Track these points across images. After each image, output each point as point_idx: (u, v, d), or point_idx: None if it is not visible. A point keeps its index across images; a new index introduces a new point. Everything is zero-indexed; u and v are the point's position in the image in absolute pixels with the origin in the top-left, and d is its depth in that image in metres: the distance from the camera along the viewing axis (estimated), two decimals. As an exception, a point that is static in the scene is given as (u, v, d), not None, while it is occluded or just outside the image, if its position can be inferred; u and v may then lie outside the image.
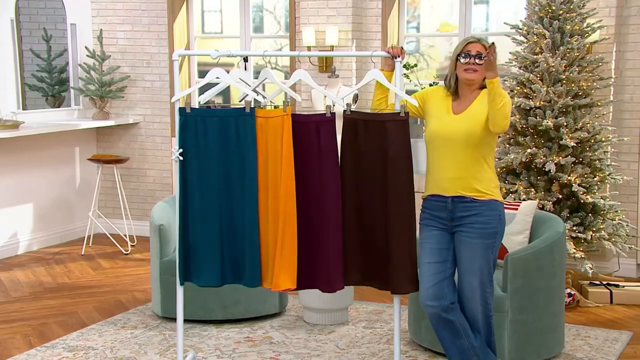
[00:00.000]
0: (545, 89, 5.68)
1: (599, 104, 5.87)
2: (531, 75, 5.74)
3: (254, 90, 4.17)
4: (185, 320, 4.67)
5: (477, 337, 3.89)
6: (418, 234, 3.97)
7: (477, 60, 3.76)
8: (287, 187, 3.91)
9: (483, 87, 3.81)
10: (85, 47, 7.83)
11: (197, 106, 4.11)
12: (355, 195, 3.96)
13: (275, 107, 4.08)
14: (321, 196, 3.95)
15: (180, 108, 4.00)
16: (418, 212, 3.95)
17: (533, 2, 5.94)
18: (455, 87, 3.87)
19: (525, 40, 5.94)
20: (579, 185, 5.65)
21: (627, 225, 5.83)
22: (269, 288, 4.02)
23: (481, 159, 3.80)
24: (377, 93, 4.00)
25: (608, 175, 5.81)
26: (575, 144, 5.69)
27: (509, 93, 5.84)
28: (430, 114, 3.91)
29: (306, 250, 3.98)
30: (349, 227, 3.97)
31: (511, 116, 5.80)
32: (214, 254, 4.05)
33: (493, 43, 3.73)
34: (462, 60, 3.79)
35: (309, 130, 3.93)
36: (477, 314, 3.87)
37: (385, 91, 3.98)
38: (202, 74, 7.93)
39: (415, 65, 6.92)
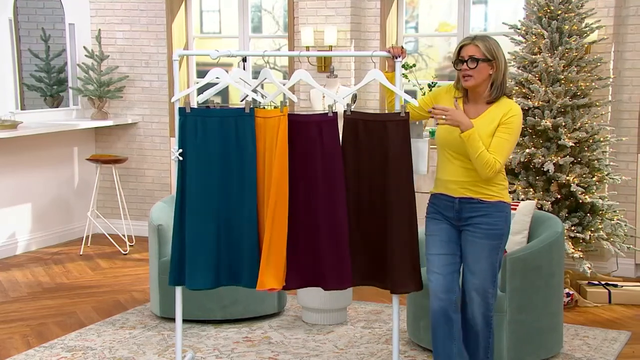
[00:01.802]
0: (543, 89, 5.69)
1: (597, 104, 5.88)
2: (530, 75, 5.75)
3: (254, 90, 4.17)
4: (184, 320, 4.67)
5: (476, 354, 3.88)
6: (423, 227, 3.94)
7: (470, 65, 3.65)
8: (278, 187, 3.89)
9: (495, 98, 3.70)
10: (84, 47, 7.83)
11: (196, 106, 4.11)
12: (355, 194, 3.96)
13: (275, 107, 4.08)
14: (324, 195, 3.94)
15: (180, 108, 4.00)
16: (417, 211, 3.94)
17: (531, 2, 5.94)
18: (465, 90, 3.77)
19: (523, 40, 5.94)
20: (577, 185, 5.66)
21: (625, 225, 5.83)
22: (262, 289, 4.01)
23: None
24: (388, 94, 3.96)
25: (606, 175, 5.81)
26: (573, 144, 5.69)
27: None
28: None
29: (310, 250, 3.99)
30: (350, 227, 3.97)
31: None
32: (211, 255, 4.04)
33: (433, 109, 3.63)
34: (457, 67, 3.71)
35: (311, 130, 3.93)
36: (477, 315, 3.85)
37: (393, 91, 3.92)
38: (200, 74, 7.93)
39: (414, 65, 6.92)
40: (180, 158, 4.01)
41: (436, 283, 3.82)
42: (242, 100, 4.14)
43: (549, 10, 5.81)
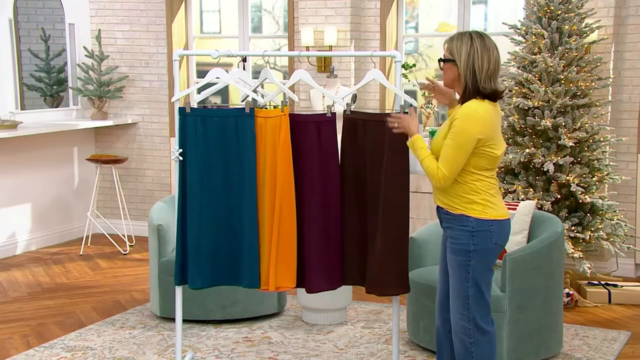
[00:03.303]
0: (543, 89, 5.69)
1: (597, 104, 5.87)
2: (530, 75, 5.74)
3: (254, 91, 4.17)
4: (184, 320, 4.67)
5: None
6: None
7: (441, 64, 3.67)
8: (284, 186, 3.90)
9: (464, 101, 3.57)
10: (84, 47, 7.83)
11: (195, 106, 4.11)
12: (354, 194, 3.96)
13: (275, 107, 4.08)
14: (321, 195, 3.95)
15: (180, 108, 4.00)
16: (416, 212, 3.93)
17: (531, 2, 5.94)
18: None
19: (523, 40, 5.94)
20: (577, 185, 5.66)
21: (625, 225, 5.83)
22: (268, 289, 4.01)
23: None
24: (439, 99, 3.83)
25: (606, 175, 5.81)
26: (573, 144, 5.69)
27: (507, 93, 5.85)
28: None
29: (305, 249, 3.99)
30: (348, 226, 3.97)
31: (510, 116, 5.82)
32: (212, 255, 4.05)
33: (389, 115, 3.62)
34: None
35: (309, 130, 3.93)
36: (454, 338, 3.67)
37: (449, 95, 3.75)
38: (200, 74, 7.94)
39: (414, 65, 6.93)
40: (181, 158, 4.01)
41: (437, 301, 3.81)
42: (242, 101, 4.14)
43: (549, 10, 5.81)
